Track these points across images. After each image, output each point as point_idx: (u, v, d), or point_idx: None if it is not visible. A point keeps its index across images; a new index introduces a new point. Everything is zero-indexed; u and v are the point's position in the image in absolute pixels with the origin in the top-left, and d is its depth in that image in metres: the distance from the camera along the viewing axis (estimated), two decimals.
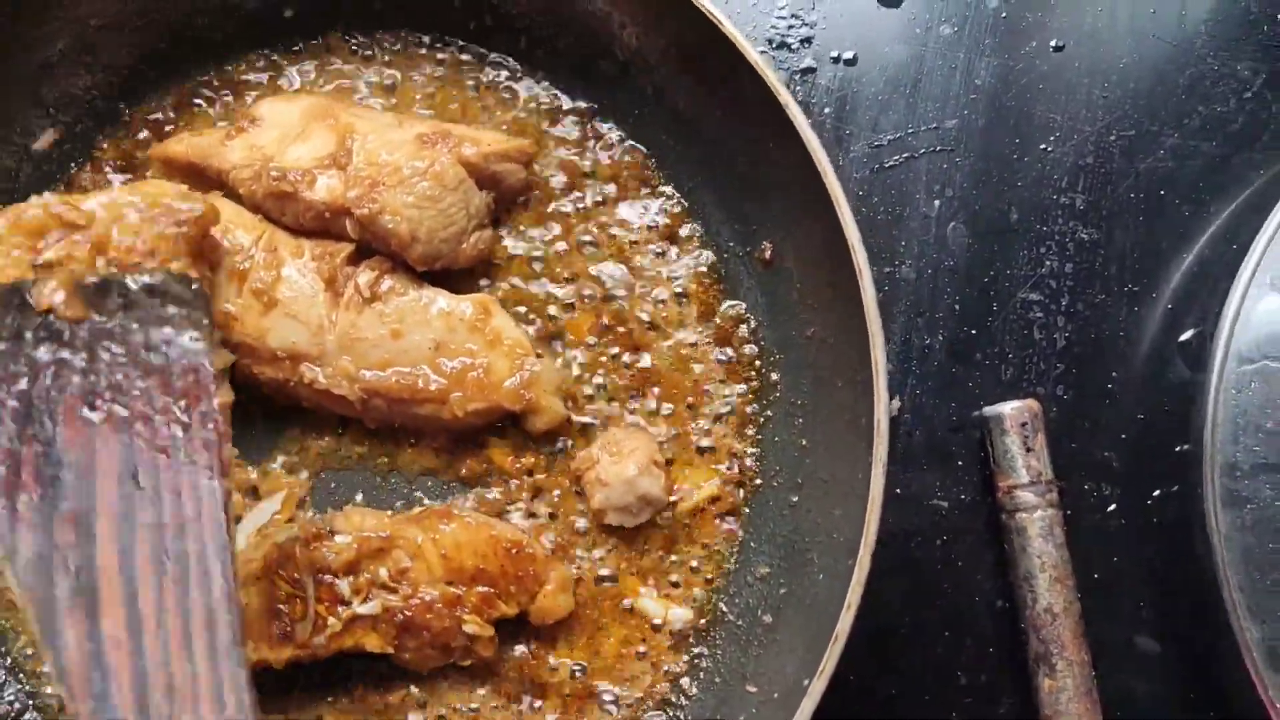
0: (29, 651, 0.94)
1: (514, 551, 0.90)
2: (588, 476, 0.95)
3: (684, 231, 1.01)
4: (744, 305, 1.00)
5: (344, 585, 0.87)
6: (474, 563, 0.89)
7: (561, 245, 1.01)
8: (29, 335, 0.65)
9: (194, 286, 0.71)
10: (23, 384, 0.64)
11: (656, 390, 0.98)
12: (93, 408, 0.64)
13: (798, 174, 0.87)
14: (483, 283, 1.00)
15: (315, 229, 0.94)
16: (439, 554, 0.89)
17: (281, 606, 0.87)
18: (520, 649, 0.95)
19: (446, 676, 0.94)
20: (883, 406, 0.81)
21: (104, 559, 0.61)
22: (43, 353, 0.64)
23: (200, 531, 0.63)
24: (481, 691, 0.94)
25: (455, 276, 0.98)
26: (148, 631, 0.60)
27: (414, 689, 0.94)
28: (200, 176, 0.96)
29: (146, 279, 0.69)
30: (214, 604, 0.62)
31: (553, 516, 0.97)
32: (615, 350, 0.99)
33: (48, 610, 0.59)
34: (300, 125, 0.95)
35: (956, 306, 1.07)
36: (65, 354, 0.65)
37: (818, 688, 0.78)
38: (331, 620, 0.87)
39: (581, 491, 0.96)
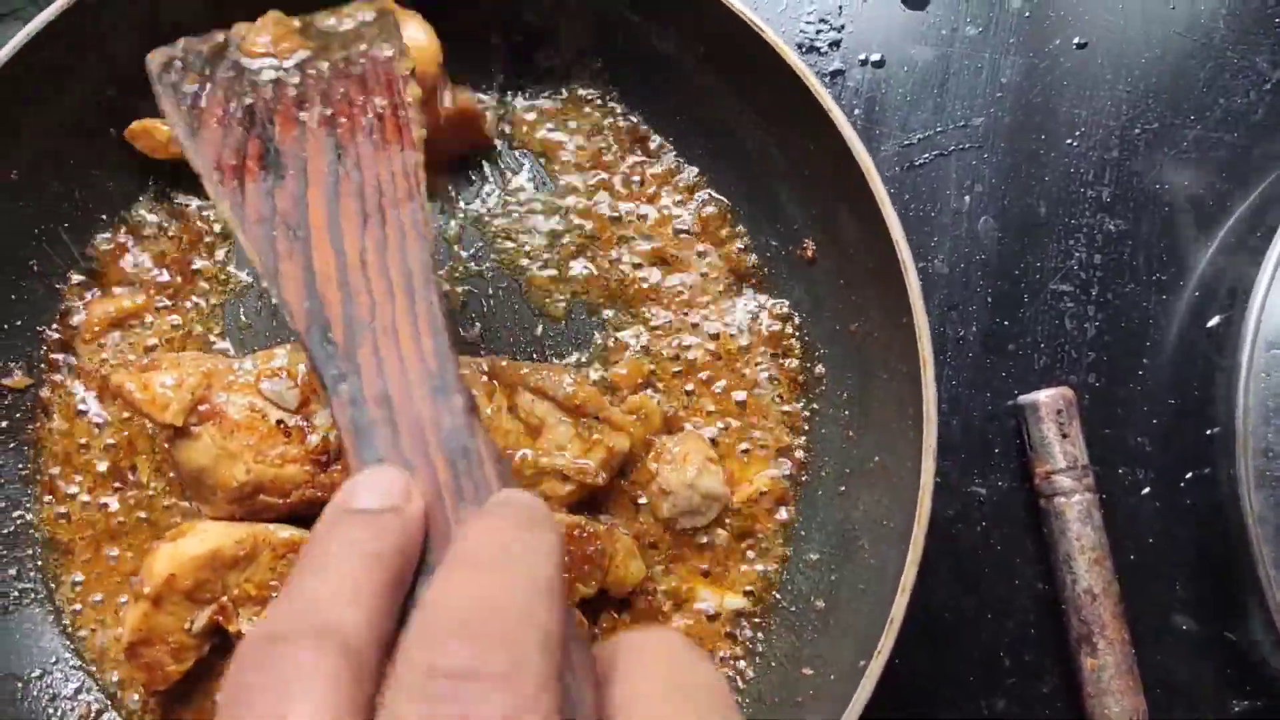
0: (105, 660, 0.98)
1: (575, 533, 0.92)
2: (649, 491, 0.98)
3: (726, 233, 1.04)
4: (788, 303, 1.03)
5: None
6: None
7: (610, 250, 1.04)
8: (251, 65, 0.79)
9: (385, 15, 0.83)
10: (248, 100, 0.78)
11: (707, 389, 1.02)
12: (302, 109, 0.77)
13: (838, 172, 0.90)
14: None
15: None
16: None
17: None
18: None
19: None
20: (931, 395, 0.84)
21: (314, 217, 0.72)
22: (262, 76, 0.79)
23: (395, 193, 0.74)
24: None
25: None
26: (352, 268, 0.70)
27: None
28: None
29: (341, 20, 0.83)
30: (408, 249, 0.71)
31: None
32: (665, 351, 1.02)
33: (269, 256, 0.71)
34: None
35: (989, 299, 1.10)
36: (280, 75, 0.79)
37: (875, 668, 0.81)
38: None
39: (642, 505, 0.99)
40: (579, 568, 0.93)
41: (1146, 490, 1.08)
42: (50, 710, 0.95)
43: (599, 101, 1.06)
